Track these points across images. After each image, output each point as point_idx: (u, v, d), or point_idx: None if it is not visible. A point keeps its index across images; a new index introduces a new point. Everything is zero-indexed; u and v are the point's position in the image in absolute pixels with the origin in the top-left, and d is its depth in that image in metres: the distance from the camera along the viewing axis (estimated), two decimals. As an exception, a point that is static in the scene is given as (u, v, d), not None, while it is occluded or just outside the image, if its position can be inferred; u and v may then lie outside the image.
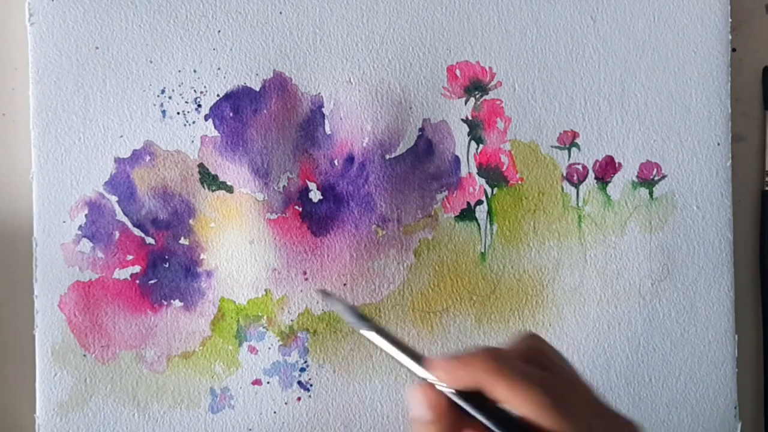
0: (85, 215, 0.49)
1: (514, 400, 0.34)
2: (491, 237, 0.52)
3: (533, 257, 0.52)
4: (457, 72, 0.51)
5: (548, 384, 0.34)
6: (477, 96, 0.51)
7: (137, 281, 0.50)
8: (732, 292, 0.53)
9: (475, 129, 0.52)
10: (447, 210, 0.51)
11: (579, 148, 0.52)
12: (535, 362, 0.36)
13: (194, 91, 0.50)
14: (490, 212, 0.52)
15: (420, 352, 0.37)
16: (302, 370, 0.50)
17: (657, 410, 0.52)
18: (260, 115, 0.50)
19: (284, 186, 0.50)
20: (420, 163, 0.51)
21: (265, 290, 0.50)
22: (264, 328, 0.50)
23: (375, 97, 0.51)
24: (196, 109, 0.50)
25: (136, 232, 0.50)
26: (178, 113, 0.50)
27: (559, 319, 0.52)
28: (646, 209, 0.52)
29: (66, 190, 0.49)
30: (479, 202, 0.52)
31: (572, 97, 0.52)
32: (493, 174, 0.52)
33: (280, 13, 0.50)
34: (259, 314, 0.50)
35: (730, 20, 0.53)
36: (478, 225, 0.51)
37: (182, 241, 0.50)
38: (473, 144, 0.52)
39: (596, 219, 0.52)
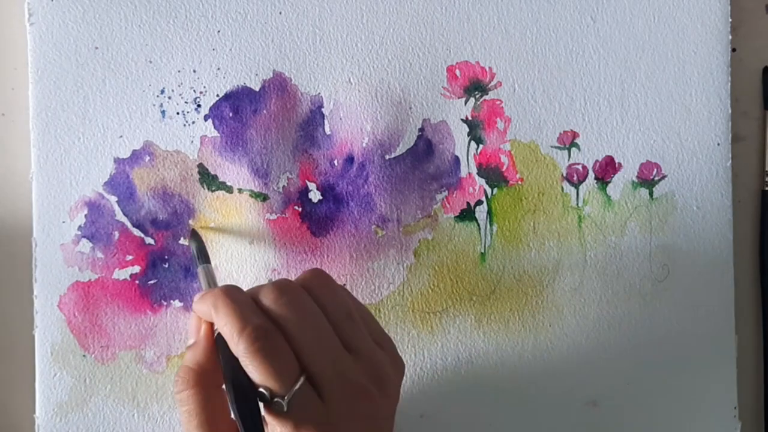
0: (85, 215, 0.49)
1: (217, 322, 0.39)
2: (491, 237, 0.51)
3: (533, 258, 0.52)
4: (457, 72, 0.51)
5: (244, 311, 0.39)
6: (477, 96, 0.51)
7: (137, 281, 0.50)
8: (732, 292, 0.53)
9: (475, 129, 0.51)
10: (447, 210, 0.51)
11: (579, 148, 0.52)
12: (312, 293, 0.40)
13: (194, 91, 0.50)
14: (490, 212, 0.52)
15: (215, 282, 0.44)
16: (302, 370, 0.50)
17: (657, 410, 0.52)
18: (260, 116, 0.50)
19: (284, 186, 0.50)
20: (420, 164, 0.51)
21: (265, 290, 0.50)
22: (264, 328, 0.50)
23: (375, 97, 0.51)
24: (196, 110, 0.50)
25: (136, 232, 0.50)
26: (178, 113, 0.50)
27: (559, 320, 0.52)
28: (646, 209, 0.52)
29: (65, 190, 0.49)
30: (479, 203, 0.51)
31: (572, 97, 0.52)
32: (492, 174, 0.52)
33: (280, 13, 0.50)
34: (259, 314, 0.50)
35: (730, 20, 0.53)
36: (478, 225, 0.51)
37: (182, 241, 0.50)
38: (473, 144, 0.51)
39: (596, 219, 0.52)
